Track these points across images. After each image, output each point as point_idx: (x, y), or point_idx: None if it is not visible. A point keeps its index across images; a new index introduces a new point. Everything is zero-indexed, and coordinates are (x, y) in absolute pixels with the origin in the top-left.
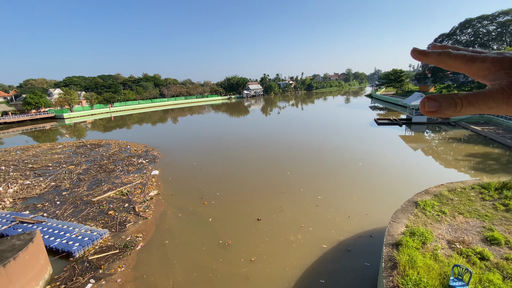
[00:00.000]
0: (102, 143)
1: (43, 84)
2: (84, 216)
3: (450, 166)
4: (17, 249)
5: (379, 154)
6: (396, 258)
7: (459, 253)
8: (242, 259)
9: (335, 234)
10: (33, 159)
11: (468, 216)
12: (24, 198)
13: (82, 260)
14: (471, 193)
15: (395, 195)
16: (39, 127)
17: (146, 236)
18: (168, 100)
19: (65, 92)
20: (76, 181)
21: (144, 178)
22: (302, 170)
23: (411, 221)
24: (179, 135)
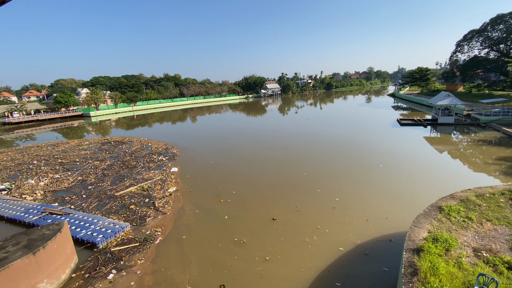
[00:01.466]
0: (125, 140)
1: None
2: (108, 209)
3: (478, 170)
4: (46, 239)
5: (402, 156)
6: (416, 264)
7: (485, 262)
8: (257, 257)
9: (352, 237)
10: (62, 154)
11: (496, 223)
12: (53, 191)
13: (105, 251)
14: (501, 199)
15: (417, 199)
16: (68, 124)
17: (164, 231)
18: (188, 100)
19: (92, 92)
20: (101, 176)
21: (163, 175)
22: (319, 171)
23: (434, 226)
24: (197, 134)
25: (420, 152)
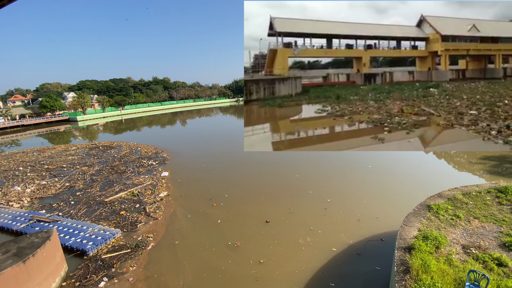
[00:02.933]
0: (114, 145)
1: (58, 88)
2: (97, 216)
3: (463, 169)
4: (35, 246)
5: (389, 157)
6: (408, 262)
7: (475, 259)
8: (251, 260)
9: (344, 237)
10: (48, 160)
11: (484, 221)
12: (40, 198)
13: (95, 258)
14: (487, 197)
15: (406, 198)
16: (54, 129)
17: (156, 236)
18: (177, 103)
19: (79, 96)
20: (89, 182)
21: (154, 180)
22: (310, 173)
23: (424, 225)
24: (188, 137)
25: (406, 152)
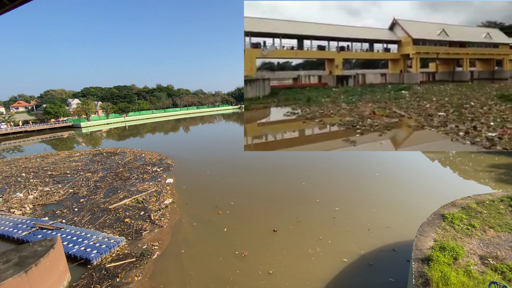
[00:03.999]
0: (118, 151)
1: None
2: (101, 223)
3: (470, 178)
4: (38, 255)
5: (396, 165)
6: (427, 274)
7: (493, 270)
8: (260, 271)
9: (355, 247)
10: (52, 166)
11: (499, 230)
12: (43, 205)
13: (99, 267)
14: (501, 206)
15: (415, 207)
16: (57, 135)
17: (162, 245)
18: (181, 110)
19: (83, 102)
20: (93, 189)
21: (159, 186)
22: (317, 181)
23: (439, 235)
24: (192, 144)
25: (413, 160)
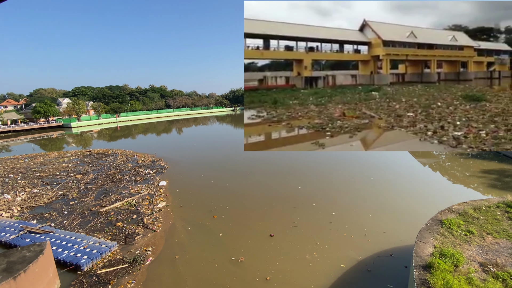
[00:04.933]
0: (109, 152)
1: (52, 94)
2: (92, 227)
3: (462, 183)
4: (27, 261)
5: (390, 169)
6: (430, 282)
7: (495, 277)
8: (257, 277)
9: (353, 252)
10: (41, 167)
11: (497, 237)
12: (31, 207)
13: (90, 274)
14: (497, 212)
15: (411, 212)
16: (47, 135)
17: (155, 250)
18: (174, 111)
19: (74, 102)
20: (84, 191)
21: (152, 189)
22: (312, 184)
23: (439, 241)
24: (185, 146)
25: (404, 164)
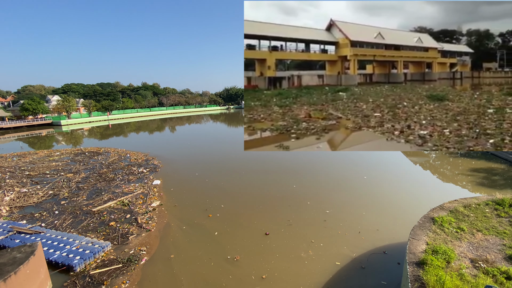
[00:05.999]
0: (101, 151)
1: (41, 91)
2: (84, 227)
3: (452, 181)
4: (18, 263)
5: (381, 167)
6: (423, 278)
7: (485, 273)
8: (253, 276)
9: (347, 250)
10: (30, 166)
11: (487, 234)
12: (21, 207)
13: (83, 274)
14: (486, 209)
15: (403, 209)
16: (35, 133)
17: (150, 250)
18: (167, 109)
19: (64, 99)
20: (75, 190)
21: (145, 188)
22: (307, 183)
23: (431, 238)
24: (179, 144)
25: (396, 163)
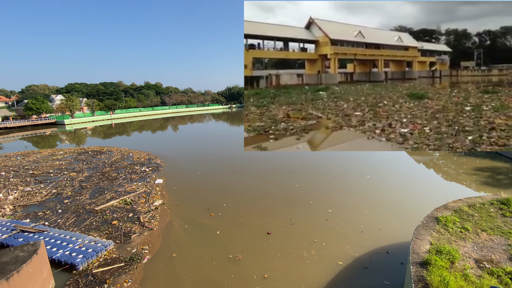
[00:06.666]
0: (104, 150)
1: (45, 90)
2: (87, 225)
3: (456, 180)
4: (20, 262)
5: (384, 166)
6: (427, 279)
7: (490, 273)
8: (255, 275)
9: (350, 250)
10: (33, 165)
11: (491, 233)
12: (24, 206)
13: (86, 273)
14: (491, 209)
15: (406, 209)
16: (39, 132)
17: (152, 249)
18: (169, 108)
19: (67, 99)
20: (78, 189)
21: (148, 187)
22: (309, 182)
23: (435, 238)
24: (182, 144)
25: (399, 162)
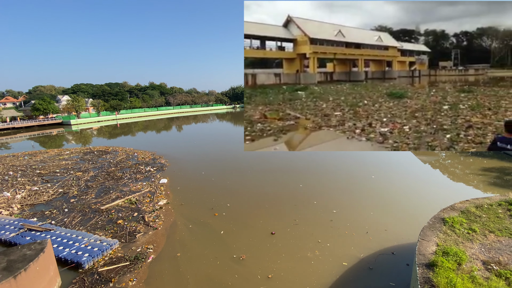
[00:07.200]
0: (109, 150)
1: (51, 91)
2: (93, 225)
3: (463, 181)
4: (28, 260)
5: (389, 167)
6: (433, 280)
7: (497, 275)
8: (259, 275)
9: (354, 250)
10: (40, 164)
11: (499, 235)
12: (31, 205)
13: (91, 272)
14: (499, 210)
15: (412, 209)
16: (46, 132)
17: (157, 248)
18: (174, 108)
19: (73, 99)
20: (84, 188)
21: (152, 187)
22: (313, 182)
23: (441, 239)
24: (186, 143)
25: (405, 162)
